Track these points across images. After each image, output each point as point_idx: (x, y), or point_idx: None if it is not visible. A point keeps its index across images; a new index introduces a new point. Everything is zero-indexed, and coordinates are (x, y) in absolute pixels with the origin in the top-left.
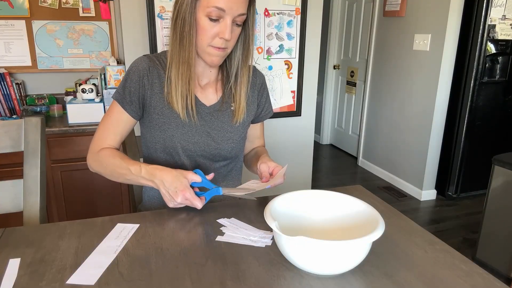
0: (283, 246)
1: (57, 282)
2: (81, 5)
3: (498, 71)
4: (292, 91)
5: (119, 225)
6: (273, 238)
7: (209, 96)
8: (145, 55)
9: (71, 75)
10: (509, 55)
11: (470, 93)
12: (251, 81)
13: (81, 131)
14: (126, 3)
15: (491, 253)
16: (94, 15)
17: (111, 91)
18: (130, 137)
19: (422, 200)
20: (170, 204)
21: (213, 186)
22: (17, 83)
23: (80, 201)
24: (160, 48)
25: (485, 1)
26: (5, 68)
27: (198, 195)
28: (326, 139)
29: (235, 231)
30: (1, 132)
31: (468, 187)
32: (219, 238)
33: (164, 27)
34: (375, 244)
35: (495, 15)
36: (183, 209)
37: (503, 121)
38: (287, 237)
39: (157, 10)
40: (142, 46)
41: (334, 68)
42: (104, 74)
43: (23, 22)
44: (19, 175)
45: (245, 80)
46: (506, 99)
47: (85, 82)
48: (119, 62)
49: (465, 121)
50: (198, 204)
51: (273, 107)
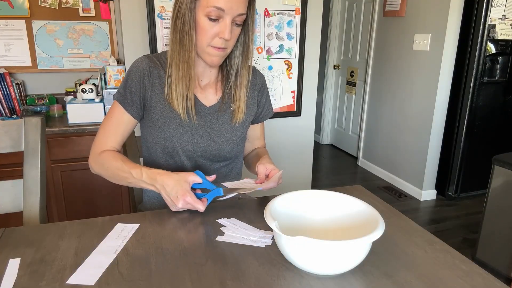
0: (283, 246)
1: (57, 282)
2: (81, 5)
3: (498, 71)
4: (292, 91)
5: (119, 225)
6: (273, 238)
7: (209, 97)
8: (145, 55)
9: (71, 75)
10: (509, 55)
11: (470, 93)
12: (251, 82)
13: (81, 131)
14: (126, 3)
15: (491, 253)
16: (94, 15)
17: (111, 91)
18: (130, 138)
19: (422, 200)
20: (173, 209)
21: (214, 187)
22: (17, 83)
23: (80, 201)
24: (160, 48)
25: (485, 1)
26: (5, 68)
27: (199, 197)
28: (326, 139)
29: (235, 231)
30: (1, 132)
31: (468, 187)
32: (219, 238)
33: (164, 27)
34: (375, 244)
35: (495, 15)
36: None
37: (503, 121)
38: (287, 237)
39: (157, 10)
40: (142, 46)
41: (334, 68)
42: (104, 74)
43: (23, 22)
44: (19, 175)
45: (245, 80)
46: (506, 99)
47: (85, 82)
48: (119, 62)
49: (465, 121)
50: (200, 207)
51: (273, 107)
